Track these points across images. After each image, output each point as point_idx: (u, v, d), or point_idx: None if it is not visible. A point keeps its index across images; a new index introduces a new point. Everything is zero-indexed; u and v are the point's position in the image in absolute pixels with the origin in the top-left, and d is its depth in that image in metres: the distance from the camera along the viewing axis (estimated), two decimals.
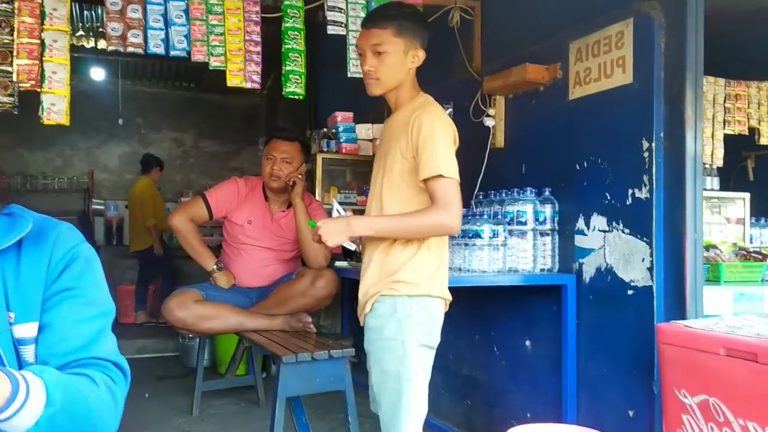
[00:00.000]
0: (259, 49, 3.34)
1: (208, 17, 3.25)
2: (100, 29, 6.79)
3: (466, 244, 2.84)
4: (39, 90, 3.00)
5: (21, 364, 1.08)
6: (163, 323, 6.55)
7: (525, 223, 2.83)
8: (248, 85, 3.33)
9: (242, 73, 3.31)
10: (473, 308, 3.38)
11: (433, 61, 3.87)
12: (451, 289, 2.16)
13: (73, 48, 6.86)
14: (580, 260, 2.74)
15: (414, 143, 2.01)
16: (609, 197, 2.60)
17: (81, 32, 6.92)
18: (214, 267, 3.29)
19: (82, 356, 1.09)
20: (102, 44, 7.32)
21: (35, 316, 1.10)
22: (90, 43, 7.22)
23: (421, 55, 2.12)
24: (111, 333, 1.18)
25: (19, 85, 2.98)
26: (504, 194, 2.97)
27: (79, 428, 1.03)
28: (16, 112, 3.06)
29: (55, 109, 3.00)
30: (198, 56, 3.24)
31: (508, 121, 3.25)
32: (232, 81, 3.30)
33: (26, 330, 1.09)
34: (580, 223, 2.74)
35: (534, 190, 2.87)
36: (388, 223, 2.03)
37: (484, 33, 3.55)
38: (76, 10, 6.32)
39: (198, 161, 8.88)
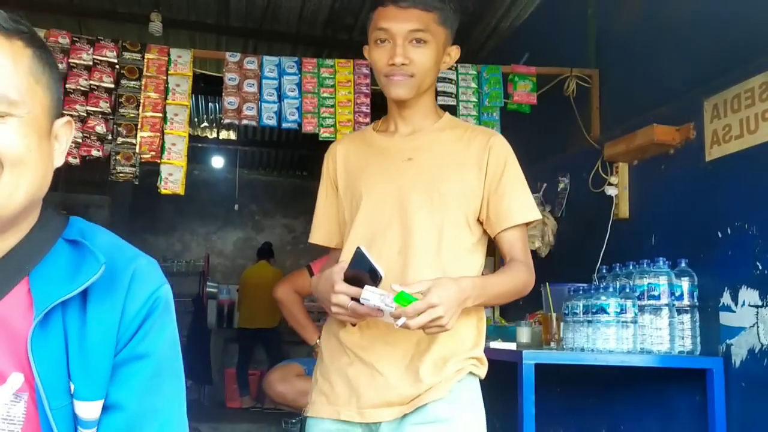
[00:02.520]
0: (368, 120, 3.33)
1: (319, 90, 3.29)
2: (222, 121, 7.20)
3: (589, 321, 2.56)
4: (159, 161, 3.10)
5: None
6: (268, 409, 6.48)
7: (658, 298, 2.51)
8: None
9: None
10: (598, 396, 3.01)
11: (548, 133, 3.73)
12: (574, 372, 1.89)
13: (196, 138, 7.33)
14: (728, 341, 2.38)
15: (495, 178, 1.52)
16: (761, 267, 2.26)
17: (204, 123, 7.37)
18: (317, 341, 3.16)
19: None
20: (223, 134, 7.77)
21: (101, 392, 0.86)
22: (212, 134, 7.66)
23: (455, 55, 1.62)
24: (184, 402, 0.94)
25: (141, 156, 3.10)
26: (632, 266, 2.68)
27: None
28: (136, 182, 3.17)
29: (172, 179, 3.08)
30: (308, 128, 3.26)
31: (632, 189, 3.00)
32: None
33: (89, 410, 0.85)
34: (726, 298, 2.40)
35: (668, 261, 2.57)
36: (497, 288, 1.48)
37: (603, 99, 3.38)
38: (201, 103, 6.75)
39: (308, 247, 8.98)
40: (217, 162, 8.49)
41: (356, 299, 1.32)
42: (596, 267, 2.98)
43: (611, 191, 3.03)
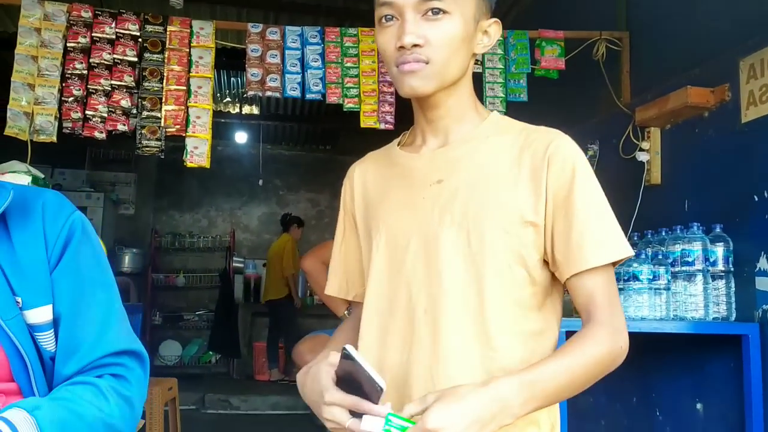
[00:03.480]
0: (392, 89, 3.29)
1: (343, 60, 3.25)
2: (245, 95, 7.19)
3: (621, 289, 2.51)
4: (184, 134, 3.10)
5: (41, 354, 1.01)
6: (295, 381, 6.57)
7: (692, 264, 2.46)
8: (381, 126, 3.27)
9: (375, 114, 3.26)
10: (630, 365, 2.96)
11: (576, 99, 3.66)
12: None
13: (219, 114, 7.33)
14: (764, 306, 2.32)
15: (560, 199, 1.07)
16: None
17: (227, 99, 7.37)
18: (345, 312, 3.17)
19: (91, 360, 1.00)
20: (246, 109, 7.76)
21: (47, 298, 1.01)
22: (235, 109, 7.66)
23: (495, 32, 1.15)
24: (118, 311, 1.08)
25: (166, 129, 3.10)
26: (664, 233, 2.63)
27: None
28: (162, 156, 3.17)
29: (197, 152, 3.07)
30: (332, 98, 3.23)
31: (665, 154, 2.92)
32: (366, 122, 3.25)
33: (39, 315, 1.01)
34: (763, 263, 2.34)
35: (702, 227, 2.51)
36: (559, 382, 1.00)
37: (634, 62, 3.29)
38: (223, 78, 6.74)
39: (332, 221, 9.03)
40: (241, 137, 8.50)
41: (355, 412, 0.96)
42: (627, 234, 2.93)
43: (643, 157, 2.96)
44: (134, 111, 3.11)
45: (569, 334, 2.05)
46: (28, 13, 3.05)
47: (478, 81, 3.44)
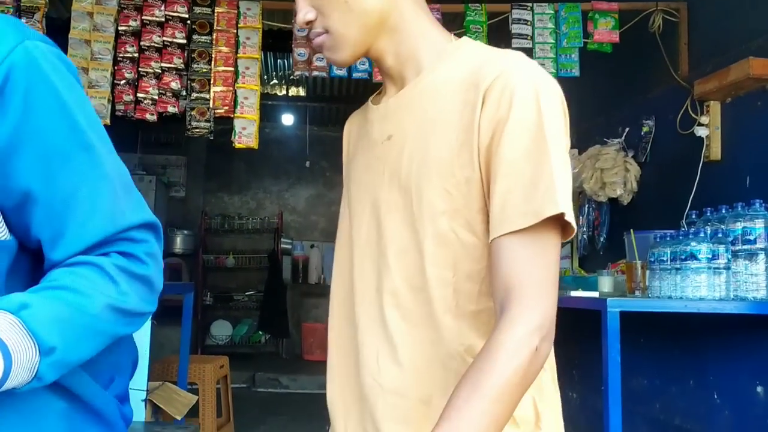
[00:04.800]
0: None
1: None
2: (291, 77, 7.23)
3: (677, 269, 2.43)
4: (232, 115, 3.12)
5: None
6: None
7: (754, 242, 2.36)
8: None
9: None
10: (686, 347, 2.90)
11: (630, 73, 3.54)
12: (660, 322, 1.79)
13: (266, 96, 7.38)
14: None
15: (487, 137, 0.85)
16: None
17: (274, 81, 7.40)
18: None
19: (86, 242, 0.77)
20: (293, 91, 7.79)
21: None
22: (282, 91, 7.70)
23: None
24: (110, 175, 0.80)
25: (215, 110, 3.12)
26: (724, 210, 2.53)
27: (103, 342, 0.77)
28: (211, 138, 3.20)
29: (246, 132, 3.09)
30: (379, 77, 3.20)
31: (725, 129, 2.81)
32: None
33: None
34: None
35: (764, 203, 2.40)
36: (479, 424, 0.76)
37: (692, 34, 3.16)
38: (270, 60, 6.77)
39: None
40: (288, 119, 8.55)
41: None
42: (685, 213, 2.83)
43: (702, 132, 2.85)
44: (183, 93, 3.15)
45: (622, 315, 1.98)
46: None
47: (528, 56, 3.36)
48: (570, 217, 0.82)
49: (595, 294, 2.54)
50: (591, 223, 3.63)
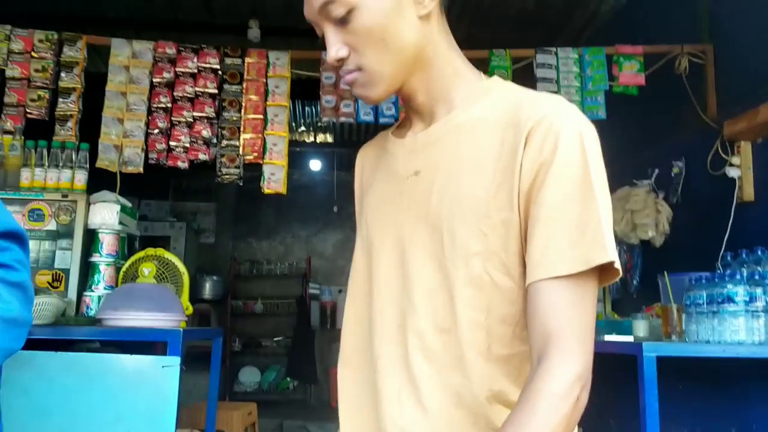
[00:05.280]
0: None
1: None
2: (319, 124, 7.35)
3: (714, 312, 2.37)
4: (261, 161, 3.17)
5: None
6: None
7: None
8: None
9: None
10: (726, 393, 2.80)
11: (657, 115, 3.53)
12: (698, 367, 1.74)
13: (294, 143, 7.51)
14: None
15: (530, 179, 0.84)
16: None
17: (302, 128, 7.53)
18: None
19: None
20: (320, 137, 7.91)
21: None
22: (310, 138, 7.82)
23: None
24: None
25: (245, 157, 3.18)
26: (760, 252, 2.47)
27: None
28: (241, 183, 3.25)
29: (275, 178, 3.14)
30: None
31: (757, 169, 2.77)
32: None
33: None
34: None
35: None
36: None
37: (719, 76, 3.15)
38: (298, 107, 6.90)
39: None
40: (315, 165, 8.66)
41: None
42: (719, 254, 2.78)
43: (733, 173, 2.81)
44: (214, 140, 3.22)
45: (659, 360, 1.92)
46: (117, 52, 3.22)
47: None
48: (618, 265, 0.81)
49: (630, 338, 2.49)
50: (623, 266, 3.58)
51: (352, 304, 1.03)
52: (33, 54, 3.19)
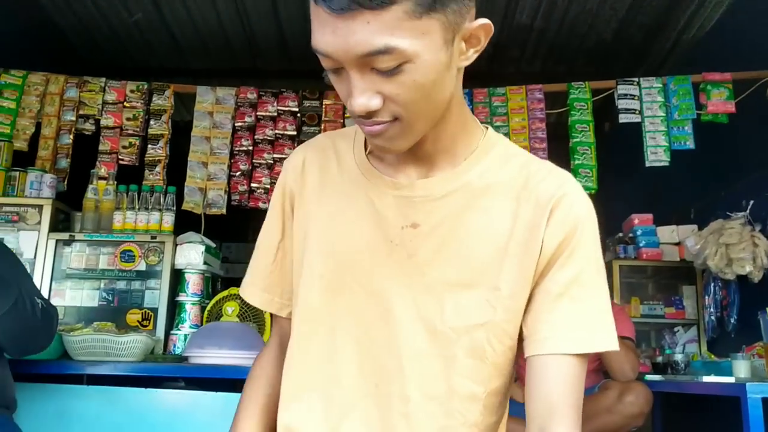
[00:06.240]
0: (545, 146, 3.22)
1: (492, 119, 3.24)
2: None
3: None
4: None
5: None
6: None
7: None
8: None
9: None
10: None
11: (749, 144, 3.36)
12: None
13: None
14: None
15: (553, 262, 0.85)
16: None
17: None
18: None
19: None
20: None
21: None
22: None
23: (483, 34, 0.79)
24: None
25: None
26: None
27: None
28: None
29: None
30: None
31: None
32: None
33: None
34: None
35: None
36: None
37: None
38: None
39: None
40: None
41: None
42: None
43: None
44: None
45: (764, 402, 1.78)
46: (202, 99, 3.37)
47: (636, 132, 3.27)
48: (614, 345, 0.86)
49: (731, 379, 2.32)
50: (719, 304, 3.37)
51: (300, 349, 0.91)
52: (125, 104, 3.38)
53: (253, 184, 3.27)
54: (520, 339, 0.86)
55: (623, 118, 3.12)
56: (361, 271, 0.87)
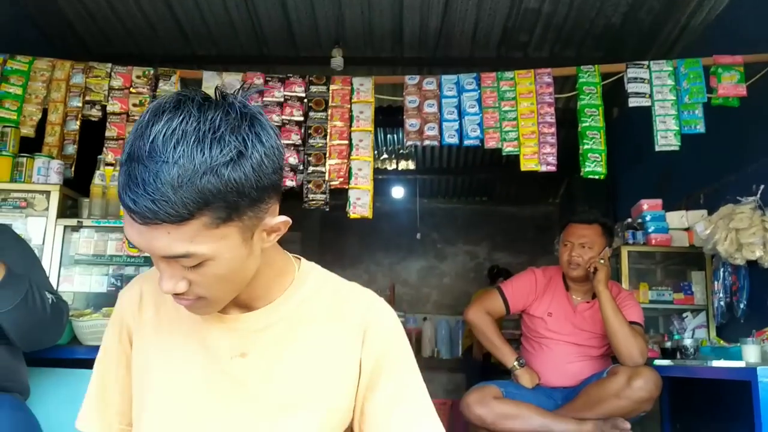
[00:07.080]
0: (553, 130, 3.20)
1: (500, 104, 3.22)
2: (401, 151, 7.39)
3: None
4: (347, 186, 3.20)
5: None
6: None
7: None
8: (543, 168, 3.17)
9: (536, 156, 3.17)
10: None
11: (760, 128, 3.32)
12: None
13: (377, 171, 7.55)
14: None
15: (372, 381, 0.98)
16: None
17: (384, 155, 7.59)
18: (516, 363, 3.03)
19: None
20: (402, 165, 7.94)
21: None
22: (392, 165, 7.87)
23: (284, 226, 0.93)
24: None
25: (330, 183, 3.21)
26: None
27: None
28: (327, 209, 3.28)
29: (360, 203, 3.15)
30: (491, 143, 3.20)
31: None
32: (527, 165, 3.17)
33: None
34: None
35: None
36: None
37: None
38: (380, 135, 6.97)
39: None
40: (398, 192, 8.68)
41: None
42: None
43: None
44: (300, 167, 3.27)
45: None
46: (208, 84, 3.35)
47: (645, 116, 3.25)
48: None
49: (741, 364, 2.31)
50: (728, 289, 3.35)
51: None
52: (131, 90, 3.37)
53: None
54: None
55: (633, 102, 3.09)
56: (199, 405, 0.93)
